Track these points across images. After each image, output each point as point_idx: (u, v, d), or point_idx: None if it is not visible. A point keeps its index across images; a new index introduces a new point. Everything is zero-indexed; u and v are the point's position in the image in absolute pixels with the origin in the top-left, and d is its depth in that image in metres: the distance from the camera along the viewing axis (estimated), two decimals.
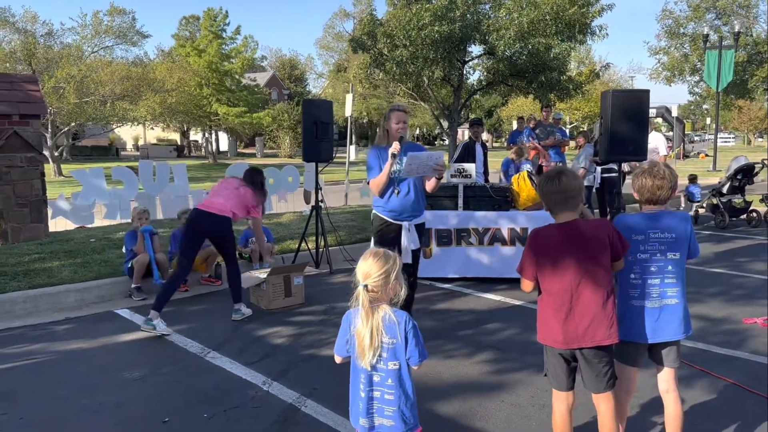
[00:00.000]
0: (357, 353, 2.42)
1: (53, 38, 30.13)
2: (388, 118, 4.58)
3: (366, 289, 2.37)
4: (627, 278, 2.89)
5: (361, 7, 45.04)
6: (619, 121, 6.58)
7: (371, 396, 2.43)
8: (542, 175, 2.97)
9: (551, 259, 2.77)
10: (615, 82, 51.62)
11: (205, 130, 40.72)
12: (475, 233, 6.79)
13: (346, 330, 2.50)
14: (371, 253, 2.47)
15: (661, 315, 2.86)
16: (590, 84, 18.71)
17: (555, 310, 2.77)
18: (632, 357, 2.95)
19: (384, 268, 2.40)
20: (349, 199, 13.39)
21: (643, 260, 2.86)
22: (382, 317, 2.39)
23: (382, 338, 2.39)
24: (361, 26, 16.67)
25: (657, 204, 2.91)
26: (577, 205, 2.83)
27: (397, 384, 2.41)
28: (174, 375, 4.19)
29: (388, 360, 2.40)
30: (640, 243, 2.86)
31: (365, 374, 2.43)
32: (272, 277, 5.82)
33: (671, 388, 2.95)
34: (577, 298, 2.74)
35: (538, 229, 2.88)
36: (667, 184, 2.87)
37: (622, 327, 2.84)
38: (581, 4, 14.56)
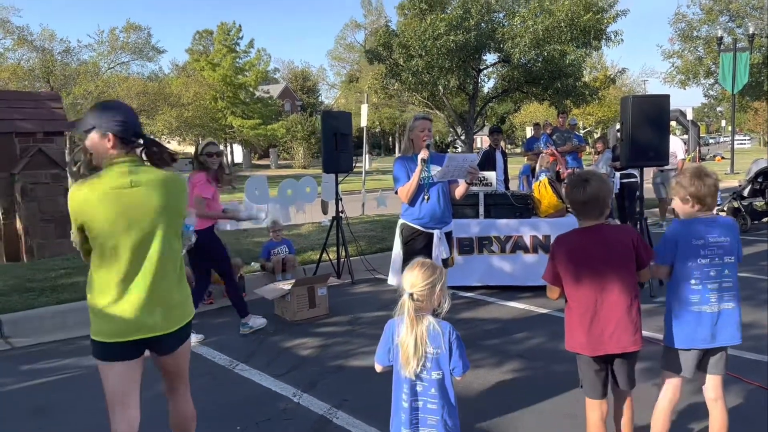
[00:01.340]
0: (401, 363, 2.44)
1: (70, 55, 30.63)
2: (412, 128, 4.62)
3: (411, 298, 2.41)
4: (687, 284, 2.83)
5: (372, 18, 45.36)
6: (639, 127, 6.56)
7: (415, 406, 2.45)
8: (569, 179, 2.96)
9: (575, 264, 2.78)
10: (628, 87, 51.39)
11: (220, 143, 41.08)
12: (497, 241, 6.79)
13: (388, 339, 2.53)
14: (418, 263, 2.51)
15: (719, 320, 2.83)
16: (605, 89, 18.71)
17: (580, 316, 2.78)
18: (685, 365, 2.87)
19: (431, 279, 2.44)
20: (366, 209, 13.44)
21: (703, 265, 2.81)
22: (427, 327, 2.43)
23: (427, 348, 2.42)
24: (376, 37, 16.78)
25: (709, 208, 2.87)
26: (603, 212, 2.83)
27: (440, 393, 2.44)
28: (204, 387, 4.23)
29: (431, 370, 2.43)
30: (701, 248, 2.81)
31: (409, 384, 2.45)
32: (296, 288, 5.85)
33: (719, 396, 2.93)
34: (601, 304, 2.75)
35: (562, 235, 2.89)
36: (717, 186, 2.86)
37: (683, 335, 2.82)
38: (596, 11, 14.57)
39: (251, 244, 8.68)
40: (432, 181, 4.49)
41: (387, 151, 57.66)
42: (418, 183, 4.43)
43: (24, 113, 8.24)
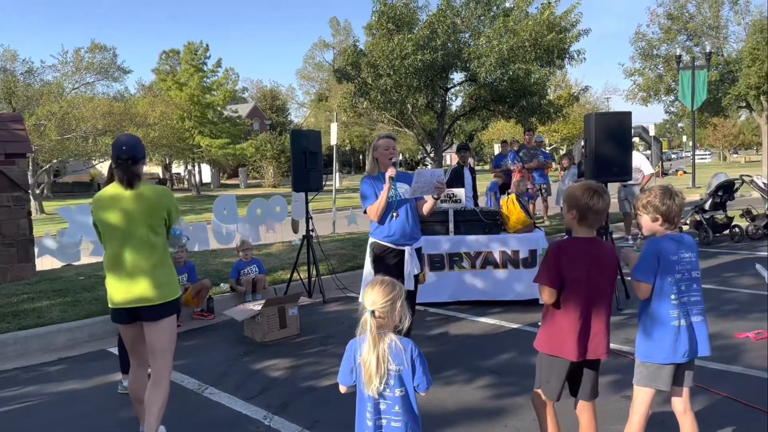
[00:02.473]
0: (364, 381, 2.43)
1: (33, 76, 30.12)
2: (376, 146, 4.67)
3: (373, 316, 2.41)
4: (667, 300, 2.87)
5: (340, 38, 45.69)
6: (602, 143, 6.72)
7: (378, 424, 2.45)
8: (589, 187, 2.94)
9: (575, 271, 2.84)
10: (591, 104, 52.51)
11: (188, 163, 40.64)
12: (467, 257, 6.84)
13: (350, 359, 2.52)
14: (378, 281, 2.52)
15: (693, 333, 2.90)
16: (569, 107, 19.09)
17: (572, 322, 2.84)
18: (663, 379, 2.91)
19: (391, 296, 2.45)
20: (336, 227, 13.40)
21: (678, 280, 2.88)
22: (389, 344, 2.43)
23: (389, 365, 2.41)
24: (344, 57, 16.86)
25: (676, 226, 2.95)
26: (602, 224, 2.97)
27: (404, 410, 2.44)
28: (173, 412, 4.12)
29: (395, 387, 2.43)
30: (676, 264, 2.88)
31: (372, 402, 2.44)
32: (266, 308, 5.79)
33: (688, 408, 3.01)
34: (595, 315, 2.86)
35: (563, 241, 2.97)
36: (684, 204, 2.94)
37: (663, 350, 2.86)
38: (558, 30, 14.90)
39: (220, 265, 8.56)
40: (400, 198, 4.53)
41: (357, 169, 57.75)
42: (386, 201, 4.45)
43: None
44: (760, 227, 10.64)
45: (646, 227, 2.98)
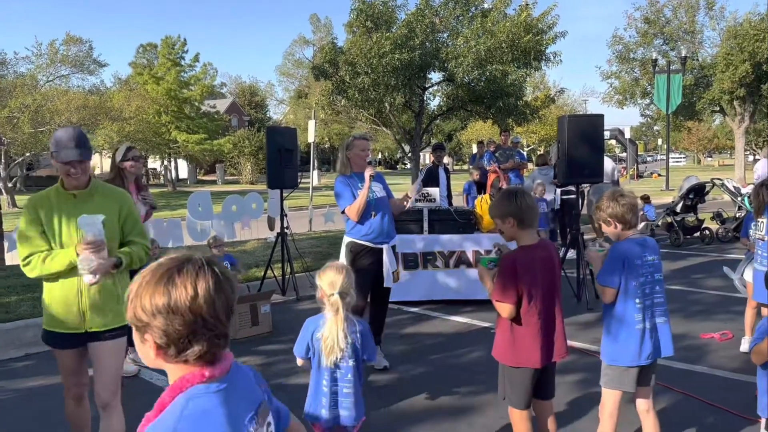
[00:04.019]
0: (324, 354, 2.75)
1: (6, 67, 29.46)
2: (351, 147, 4.71)
3: (342, 297, 2.72)
4: (632, 303, 2.90)
5: (321, 35, 45.46)
6: (575, 145, 6.81)
7: (334, 390, 2.79)
8: (508, 191, 3.01)
9: (531, 282, 2.82)
10: (569, 106, 53.06)
11: (164, 158, 40.17)
12: (441, 256, 6.88)
13: (307, 336, 2.83)
14: (333, 266, 2.84)
15: (657, 335, 2.96)
16: (546, 108, 19.27)
17: (534, 333, 2.83)
18: (629, 381, 2.95)
19: (350, 277, 2.81)
20: (313, 225, 13.38)
21: (642, 284, 2.92)
22: (346, 320, 2.76)
23: (347, 339, 2.75)
24: (322, 54, 16.85)
25: (633, 227, 2.97)
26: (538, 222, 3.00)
27: (354, 378, 2.80)
28: (143, 409, 4.09)
29: (348, 358, 2.77)
30: (639, 267, 2.91)
31: (329, 372, 2.77)
32: (238, 305, 5.76)
33: (651, 407, 3.07)
34: (552, 318, 2.89)
35: (516, 253, 2.90)
36: (634, 204, 2.97)
37: (628, 353, 2.90)
38: (535, 32, 15.06)
39: None
40: (376, 197, 4.61)
41: (336, 168, 57.64)
42: (366, 200, 4.51)
43: None
44: (729, 230, 10.86)
45: (609, 233, 3.02)
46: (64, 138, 2.85)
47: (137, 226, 3.12)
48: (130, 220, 3.09)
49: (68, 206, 2.94)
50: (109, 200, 3.03)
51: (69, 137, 2.86)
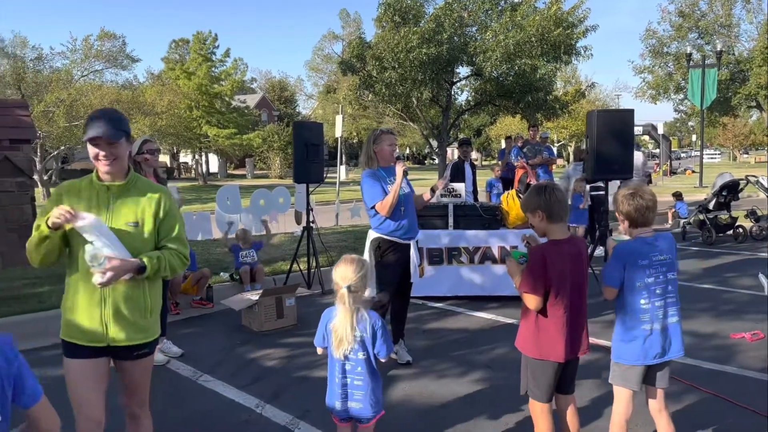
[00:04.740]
0: (334, 345, 2.80)
1: (43, 63, 30.21)
2: (377, 141, 4.69)
3: (349, 290, 2.76)
4: (637, 303, 2.89)
5: (350, 30, 45.44)
6: (604, 141, 6.71)
7: (344, 382, 2.82)
8: (538, 186, 2.99)
9: (560, 275, 2.83)
10: (601, 101, 52.28)
11: (195, 152, 40.71)
12: (466, 252, 6.85)
13: (322, 326, 2.91)
14: (347, 259, 2.87)
15: (666, 335, 2.92)
16: (576, 103, 19.00)
17: (561, 326, 2.84)
18: (632, 379, 2.94)
19: (362, 271, 2.81)
20: (339, 219, 13.43)
21: (649, 284, 2.89)
22: (357, 314, 2.80)
23: (354, 332, 2.77)
24: (350, 49, 16.88)
25: (648, 225, 2.95)
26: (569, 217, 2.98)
27: (365, 372, 2.80)
28: (167, 399, 4.18)
29: (358, 351, 2.79)
30: (646, 268, 2.88)
31: (340, 363, 2.82)
32: (264, 298, 5.82)
33: (663, 407, 3.03)
34: (577, 313, 2.88)
35: (546, 246, 2.91)
36: (654, 204, 2.93)
37: (633, 352, 2.89)
38: (566, 26, 14.84)
39: (221, 254, 8.62)
40: (404, 193, 4.60)
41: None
42: (398, 196, 4.50)
43: None
44: (764, 228, 10.59)
45: (622, 229, 3.03)
46: (96, 114, 2.56)
47: (176, 230, 2.70)
48: (168, 221, 2.68)
49: (98, 199, 2.58)
50: (147, 197, 2.64)
51: (100, 113, 2.56)
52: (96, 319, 2.56)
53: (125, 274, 2.48)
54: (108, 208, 2.57)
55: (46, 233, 2.46)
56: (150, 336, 2.68)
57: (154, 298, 2.69)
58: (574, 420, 3.05)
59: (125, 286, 2.56)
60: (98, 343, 2.58)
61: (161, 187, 2.73)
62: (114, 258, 2.42)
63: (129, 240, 2.54)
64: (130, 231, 2.57)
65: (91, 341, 2.58)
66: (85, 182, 2.62)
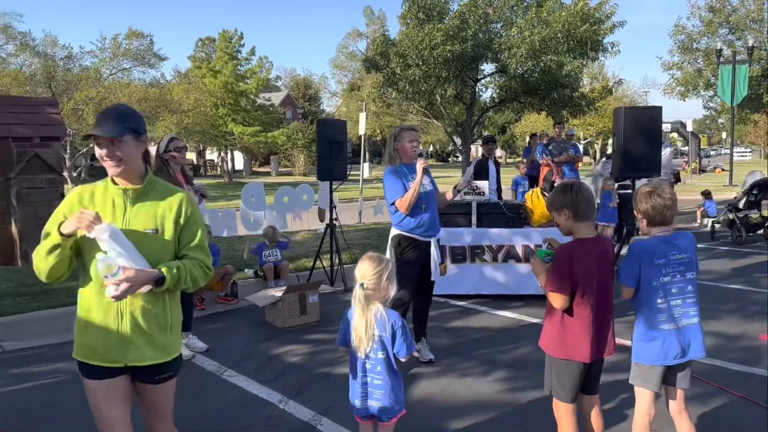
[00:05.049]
0: (354, 344, 2.79)
1: (72, 61, 30.74)
2: (399, 138, 4.69)
3: (362, 287, 2.74)
4: (654, 303, 2.86)
5: (374, 27, 45.56)
6: (631, 138, 6.61)
7: (365, 381, 2.81)
8: (564, 184, 2.97)
9: (586, 274, 2.80)
10: (629, 98, 51.50)
11: (221, 150, 41.14)
12: (489, 250, 6.81)
13: (344, 325, 2.88)
14: (367, 256, 2.85)
15: (686, 336, 2.88)
16: (603, 100, 18.73)
17: (587, 326, 2.81)
18: (652, 380, 2.91)
19: (378, 269, 2.76)
20: (363, 217, 13.47)
21: (665, 283, 2.85)
22: (375, 313, 2.75)
23: (374, 331, 2.74)
24: (374, 46, 16.90)
25: (667, 224, 2.91)
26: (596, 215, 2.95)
27: (385, 371, 2.77)
28: (191, 393, 4.24)
29: (377, 350, 2.77)
30: (662, 267, 2.85)
31: (360, 362, 2.80)
32: (287, 295, 5.87)
33: (683, 408, 2.99)
34: (604, 313, 2.86)
35: (572, 244, 2.88)
36: (673, 202, 2.89)
37: (651, 352, 2.86)
38: (592, 22, 14.64)
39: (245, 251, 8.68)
40: (426, 190, 4.59)
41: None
42: (418, 193, 4.49)
43: (20, 118, 8.29)
44: None
45: (641, 227, 2.99)
46: (102, 112, 2.34)
47: (197, 237, 2.44)
48: (190, 228, 2.42)
49: (114, 204, 2.35)
50: (166, 202, 2.39)
51: (106, 111, 2.35)
52: (112, 337, 2.32)
53: (142, 287, 2.23)
54: (124, 213, 2.34)
55: (57, 241, 2.24)
56: (171, 354, 2.44)
57: (175, 313, 2.47)
58: (598, 421, 3.02)
59: (143, 299, 2.32)
60: (115, 363, 2.35)
61: (182, 191, 2.48)
62: (129, 268, 2.18)
63: (147, 248, 2.30)
64: (148, 238, 2.32)
65: (108, 361, 2.35)
66: (101, 186, 2.39)
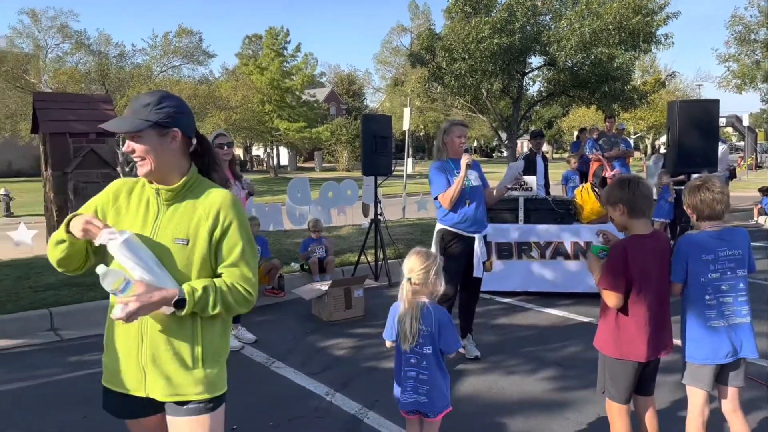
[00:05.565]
0: (400, 338, 2.78)
1: (125, 59, 31.58)
2: (448, 132, 4.66)
3: (410, 282, 2.72)
4: (702, 300, 2.79)
5: (419, 22, 45.36)
6: (686, 132, 6.40)
7: (411, 375, 2.79)
8: (622, 178, 2.89)
9: (643, 272, 2.74)
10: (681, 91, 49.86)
11: (267, 145, 41.72)
12: (537, 247, 6.70)
13: (391, 320, 2.88)
14: (415, 251, 2.83)
15: (737, 334, 2.79)
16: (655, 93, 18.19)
17: (643, 325, 2.75)
18: (704, 379, 2.84)
19: (425, 264, 2.73)
20: (406, 212, 13.45)
21: (714, 280, 2.77)
22: (421, 308, 2.74)
23: (420, 326, 2.72)
24: (419, 41, 16.83)
25: (716, 219, 2.82)
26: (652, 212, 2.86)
27: (431, 366, 2.75)
28: (241, 383, 4.31)
29: (424, 345, 2.75)
30: (711, 263, 2.78)
31: (406, 357, 2.79)
32: (333, 289, 5.91)
33: (737, 407, 2.90)
34: (660, 311, 2.79)
35: (627, 241, 2.81)
36: (723, 197, 2.79)
37: (701, 350, 2.79)
38: (645, 13, 14.22)
39: (291, 245, 8.80)
40: (471, 185, 4.55)
41: (430, 155, 57.52)
42: (461, 188, 4.45)
43: (77, 114, 8.57)
44: None
45: (693, 223, 2.91)
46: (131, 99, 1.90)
47: (237, 251, 1.96)
48: (229, 240, 1.96)
49: (147, 206, 2.00)
50: (204, 206, 1.96)
51: (133, 98, 2.07)
52: (132, 362, 1.99)
53: (159, 307, 1.85)
54: (156, 217, 1.97)
55: (62, 237, 1.94)
56: (194, 392, 1.97)
57: (211, 343, 1.99)
58: (653, 423, 2.93)
59: (166, 322, 1.93)
60: (135, 391, 2.00)
61: (224, 194, 2.00)
62: (141, 283, 1.83)
63: (174, 262, 1.92)
64: (176, 250, 1.92)
65: (128, 388, 2.02)
66: (141, 182, 2.05)
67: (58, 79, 27.09)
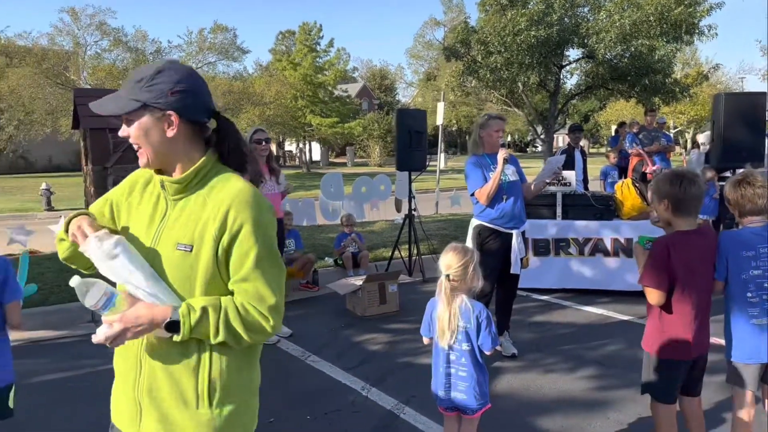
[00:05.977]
0: (438, 334, 2.76)
1: (161, 55, 32.09)
2: (485, 126, 4.59)
3: (448, 279, 2.70)
4: (744, 297, 2.71)
5: (452, 15, 45.02)
6: (732, 126, 6.23)
7: (448, 372, 2.77)
8: (676, 173, 2.79)
9: (687, 268, 2.66)
10: (723, 84, 48.47)
11: (300, 141, 42.01)
12: (575, 243, 6.57)
13: (428, 315, 2.87)
14: (452, 247, 2.80)
15: None
16: (697, 87, 17.71)
17: (687, 322, 2.68)
18: (748, 379, 2.75)
19: (463, 260, 2.71)
20: (439, 208, 13.37)
21: (756, 277, 2.69)
22: (459, 304, 2.72)
23: (458, 322, 2.71)
24: (454, 34, 16.70)
25: (759, 215, 2.72)
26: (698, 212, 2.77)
27: (469, 363, 2.73)
28: (278, 377, 4.33)
29: (462, 342, 2.73)
30: (752, 259, 2.69)
31: (444, 353, 2.77)
32: (367, 284, 5.90)
33: None
34: (702, 307, 2.71)
35: (671, 237, 2.73)
36: (765, 191, 2.69)
37: (745, 349, 2.71)
38: (688, 3, 13.83)
39: (325, 240, 8.82)
40: (508, 180, 4.48)
41: (463, 150, 57.09)
42: (498, 184, 4.38)
43: None
44: None
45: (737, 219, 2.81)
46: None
47: (249, 263, 1.53)
48: (239, 249, 1.53)
49: (157, 201, 1.65)
50: (215, 204, 1.55)
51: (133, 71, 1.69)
52: (128, 392, 1.62)
53: (147, 330, 1.48)
54: (164, 216, 1.62)
55: (61, 236, 1.70)
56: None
57: (223, 374, 1.57)
58: (699, 424, 2.84)
59: (169, 344, 1.53)
60: (129, 427, 1.63)
61: (239, 187, 1.57)
62: (129, 297, 1.50)
63: (174, 274, 1.55)
64: (178, 259, 1.54)
65: (122, 428, 1.66)
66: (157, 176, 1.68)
67: (96, 75, 27.70)
